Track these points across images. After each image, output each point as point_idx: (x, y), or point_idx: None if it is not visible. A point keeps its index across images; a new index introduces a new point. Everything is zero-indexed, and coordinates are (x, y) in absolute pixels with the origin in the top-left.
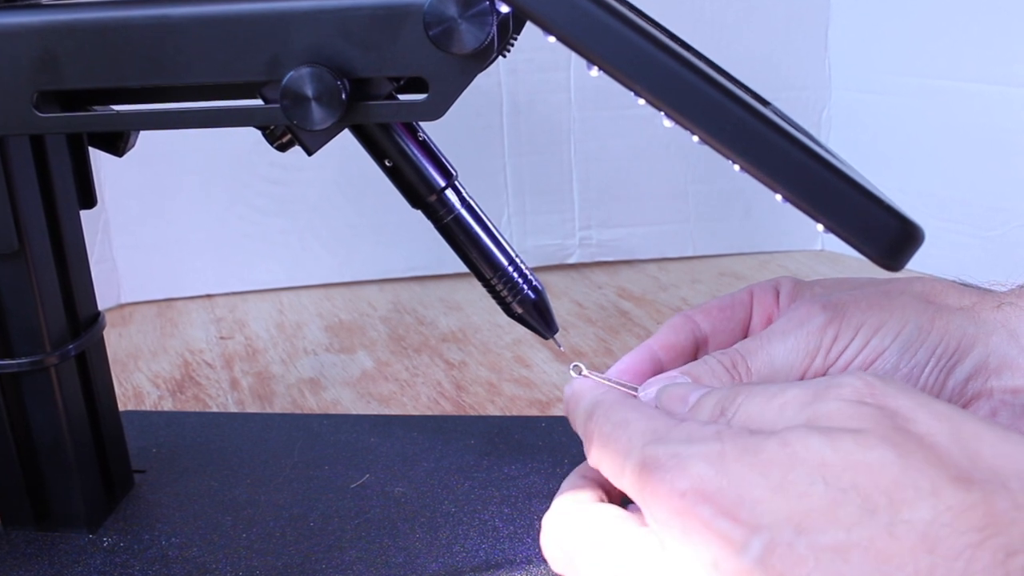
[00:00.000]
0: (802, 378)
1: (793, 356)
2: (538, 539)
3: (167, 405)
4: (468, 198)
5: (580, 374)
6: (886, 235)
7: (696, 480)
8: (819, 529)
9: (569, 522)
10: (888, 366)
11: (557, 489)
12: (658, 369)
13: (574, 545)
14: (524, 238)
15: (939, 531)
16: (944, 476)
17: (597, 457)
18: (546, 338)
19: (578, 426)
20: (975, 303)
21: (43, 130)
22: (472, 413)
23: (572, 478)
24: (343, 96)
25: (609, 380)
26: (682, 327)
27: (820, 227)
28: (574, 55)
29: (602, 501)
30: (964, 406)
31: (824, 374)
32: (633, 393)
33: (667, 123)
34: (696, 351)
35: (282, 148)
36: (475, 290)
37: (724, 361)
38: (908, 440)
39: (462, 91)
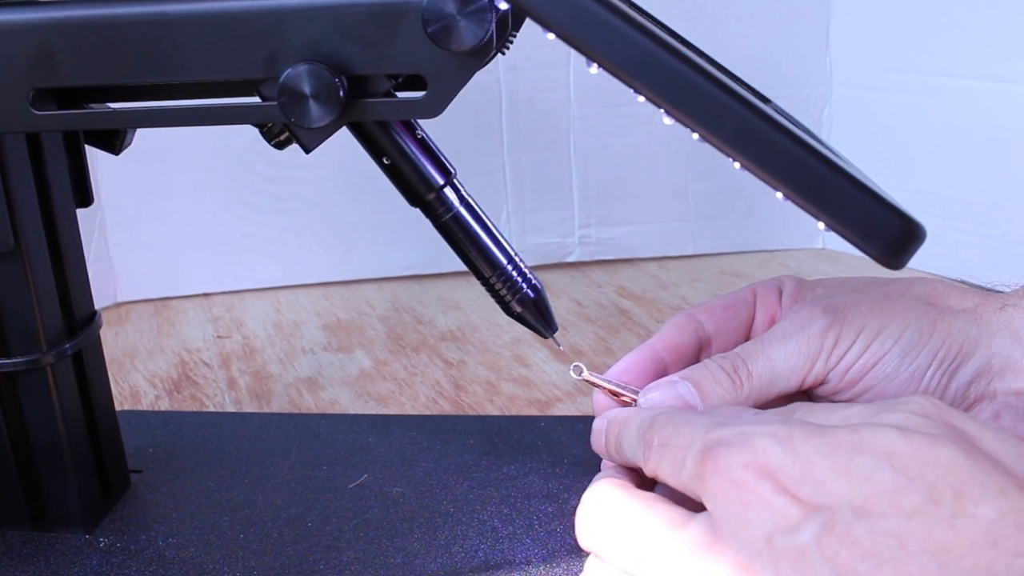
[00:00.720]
0: (803, 382)
1: (794, 360)
2: (537, 539)
3: (164, 405)
4: (467, 196)
5: (580, 375)
6: (887, 233)
7: (760, 454)
8: (880, 514)
9: (610, 497)
10: (889, 369)
11: (556, 489)
12: (660, 369)
13: (613, 519)
14: (523, 236)
15: (1004, 529)
16: (1011, 483)
17: (656, 460)
18: (545, 337)
19: (632, 441)
20: (977, 305)
21: (39, 128)
22: (471, 413)
23: (609, 470)
24: (341, 94)
25: (610, 382)
26: (686, 326)
27: (821, 225)
28: (573, 52)
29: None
30: (967, 409)
31: (825, 378)
32: (633, 398)
33: (667, 120)
34: (699, 351)
35: (279, 146)
36: (474, 289)
37: (725, 365)
38: (976, 449)
39: (461, 88)
